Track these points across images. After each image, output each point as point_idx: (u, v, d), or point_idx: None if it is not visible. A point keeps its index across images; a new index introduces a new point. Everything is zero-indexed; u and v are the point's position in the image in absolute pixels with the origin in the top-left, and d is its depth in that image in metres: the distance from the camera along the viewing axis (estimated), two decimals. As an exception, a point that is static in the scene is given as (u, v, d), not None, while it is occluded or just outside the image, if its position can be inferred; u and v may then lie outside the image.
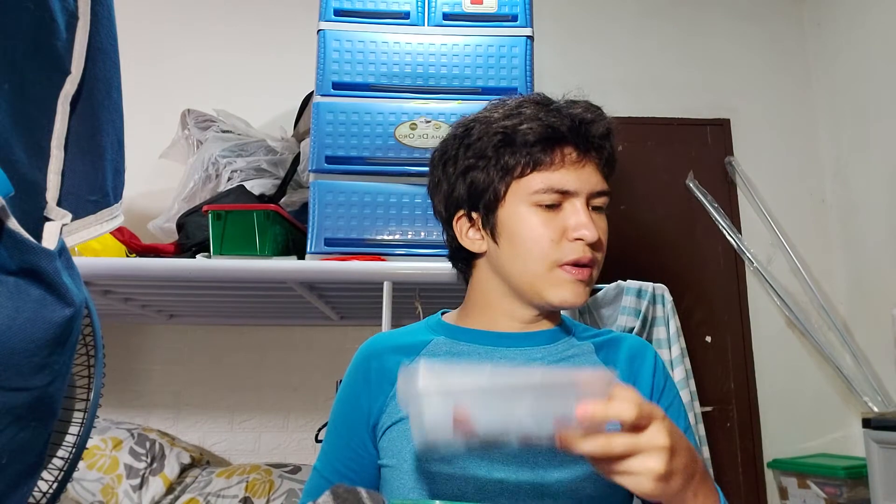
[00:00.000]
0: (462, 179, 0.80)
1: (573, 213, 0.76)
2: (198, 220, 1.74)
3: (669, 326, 1.86)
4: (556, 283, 0.76)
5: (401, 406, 0.61)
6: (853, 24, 2.59)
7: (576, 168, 0.76)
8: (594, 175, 0.77)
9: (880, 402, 2.36)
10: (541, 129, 0.76)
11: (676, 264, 2.55)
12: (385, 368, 0.80)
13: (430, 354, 0.80)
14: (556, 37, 2.68)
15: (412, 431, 0.55)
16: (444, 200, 0.84)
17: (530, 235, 0.76)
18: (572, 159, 0.76)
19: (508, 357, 0.78)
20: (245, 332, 2.37)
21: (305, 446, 2.29)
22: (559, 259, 0.75)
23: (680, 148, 2.69)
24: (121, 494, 1.85)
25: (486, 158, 0.78)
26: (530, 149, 0.76)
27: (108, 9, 0.59)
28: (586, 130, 0.77)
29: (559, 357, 0.80)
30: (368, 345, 0.84)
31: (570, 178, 0.76)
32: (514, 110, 0.79)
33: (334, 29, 1.63)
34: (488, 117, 0.80)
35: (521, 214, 0.77)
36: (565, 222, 0.76)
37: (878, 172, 2.42)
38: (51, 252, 0.48)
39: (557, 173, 0.76)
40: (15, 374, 0.45)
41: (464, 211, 0.82)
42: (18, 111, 0.48)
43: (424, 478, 0.72)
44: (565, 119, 0.77)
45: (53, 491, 0.59)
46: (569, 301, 0.76)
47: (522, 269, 0.77)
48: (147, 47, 2.50)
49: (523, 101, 0.80)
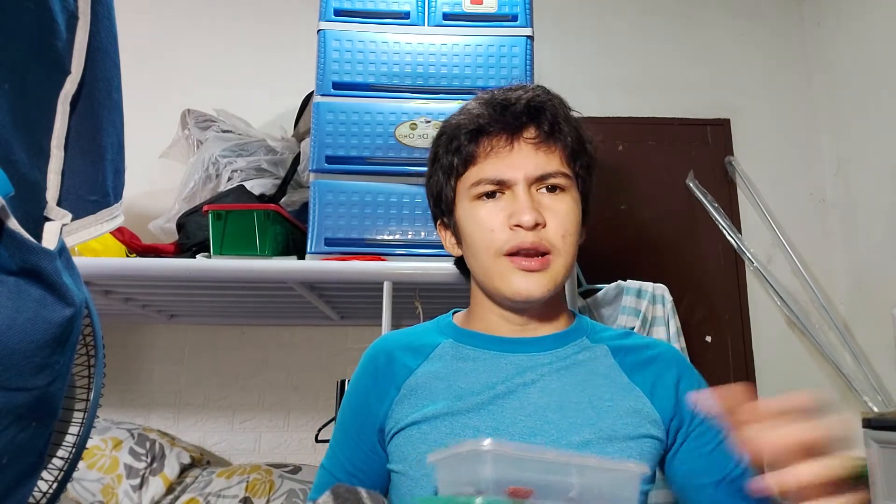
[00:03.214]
0: (429, 189, 0.82)
1: (511, 201, 0.73)
2: (198, 220, 1.74)
3: (669, 326, 1.86)
4: (502, 274, 0.73)
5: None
6: (853, 24, 2.59)
7: (506, 155, 0.74)
8: (531, 157, 0.74)
9: (880, 401, 2.36)
10: (468, 122, 0.75)
11: (676, 264, 2.55)
12: (392, 368, 0.78)
13: (437, 359, 0.78)
14: (557, 37, 2.68)
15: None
16: (431, 210, 0.86)
17: (476, 229, 0.75)
18: (500, 145, 0.74)
19: (515, 363, 0.76)
20: (245, 331, 2.37)
21: (306, 446, 2.29)
22: (501, 248, 0.73)
23: (680, 148, 2.68)
24: (121, 494, 1.85)
25: (437, 163, 0.79)
26: (462, 144, 0.75)
27: (108, 8, 0.59)
28: (507, 113, 0.74)
29: (568, 362, 0.76)
30: (378, 344, 0.83)
31: (501, 166, 0.74)
32: (462, 107, 0.79)
33: (334, 29, 1.63)
34: (444, 124, 0.81)
35: (468, 211, 0.76)
36: (505, 211, 0.73)
37: (879, 172, 2.42)
38: (51, 252, 0.48)
39: (487, 163, 0.74)
40: (15, 375, 0.45)
41: (440, 219, 0.83)
42: (18, 111, 0.48)
43: (431, 484, 0.70)
44: (489, 107, 0.75)
45: (53, 491, 0.59)
46: (522, 292, 0.72)
47: (476, 264, 0.77)
48: (147, 47, 2.50)
49: (476, 98, 0.80)
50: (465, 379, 0.75)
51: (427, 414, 0.72)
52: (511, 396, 0.73)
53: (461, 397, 0.73)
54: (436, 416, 0.72)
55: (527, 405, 0.72)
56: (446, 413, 0.72)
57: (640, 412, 0.73)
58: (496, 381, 0.74)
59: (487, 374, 0.75)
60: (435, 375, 0.76)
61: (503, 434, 0.69)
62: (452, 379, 0.75)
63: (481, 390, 0.73)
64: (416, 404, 0.74)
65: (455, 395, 0.73)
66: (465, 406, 0.72)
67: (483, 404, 0.72)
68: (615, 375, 0.76)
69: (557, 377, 0.75)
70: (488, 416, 0.71)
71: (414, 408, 0.74)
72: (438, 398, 0.73)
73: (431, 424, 0.72)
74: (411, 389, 0.76)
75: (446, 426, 0.71)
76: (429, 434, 0.71)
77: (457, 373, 0.76)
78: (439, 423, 0.72)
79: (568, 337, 0.79)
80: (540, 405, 0.72)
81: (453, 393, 0.74)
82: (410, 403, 0.75)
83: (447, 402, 0.73)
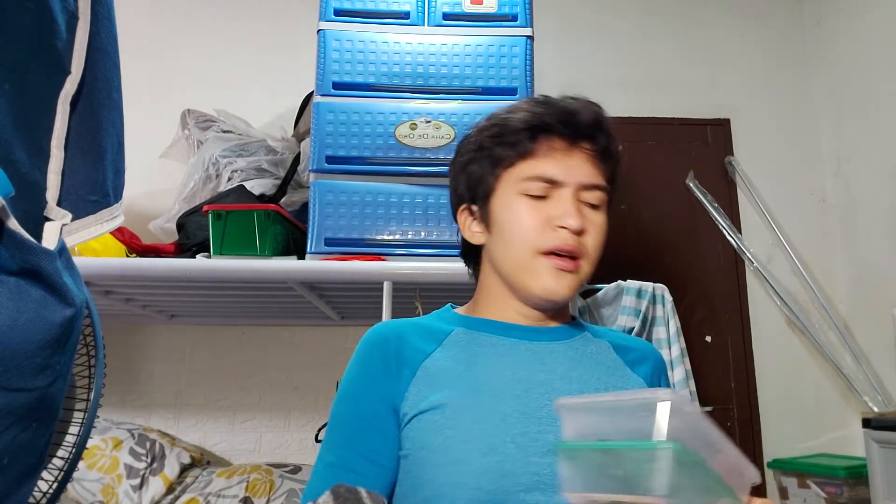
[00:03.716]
0: (463, 173, 0.83)
1: (559, 202, 0.76)
2: (198, 220, 1.74)
3: (669, 326, 1.86)
4: (538, 271, 0.76)
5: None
6: (853, 23, 2.59)
7: (563, 157, 0.77)
8: (584, 166, 0.77)
9: (880, 401, 2.36)
10: (528, 117, 0.77)
11: (676, 264, 2.55)
12: (404, 350, 0.76)
13: (452, 345, 0.78)
14: (557, 37, 2.68)
15: None
16: (451, 195, 0.87)
17: (516, 223, 0.77)
18: (562, 148, 0.77)
19: (532, 350, 0.77)
20: (246, 331, 2.38)
21: (306, 446, 2.29)
22: (540, 246, 0.75)
23: (680, 148, 2.69)
24: (121, 494, 1.85)
25: (481, 150, 0.81)
26: (518, 137, 0.77)
27: (108, 9, 0.59)
28: (574, 120, 0.77)
29: (580, 352, 0.79)
30: (382, 327, 0.81)
31: (557, 168, 0.76)
32: (513, 106, 0.82)
33: (334, 29, 1.63)
34: (492, 113, 0.83)
35: (509, 203, 0.78)
36: (551, 211, 0.76)
37: (879, 171, 2.42)
38: (51, 252, 0.48)
39: (544, 161, 0.77)
40: (16, 375, 0.45)
41: (465, 204, 0.84)
42: (19, 111, 0.48)
43: (457, 470, 0.68)
44: (553, 108, 0.78)
45: (53, 491, 0.59)
46: (551, 290, 0.75)
47: (508, 257, 0.78)
48: (147, 47, 2.50)
49: (527, 99, 0.83)
50: (485, 364, 0.75)
51: (449, 398, 0.72)
52: (534, 382, 0.74)
53: (485, 382, 0.73)
54: (460, 401, 0.71)
55: (550, 391, 0.73)
56: (471, 397, 0.72)
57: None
58: (518, 367, 0.75)
59: (507, 359, 0.76)
60: (454, 359, 0.76)
61: (530, 419, 0.70)
62: (472, 363, 0.75)
63: (504, 375, 0.74)
64: (435, 387, 0.73)
65: (478, 380, 0.74)
66: (491, 390, 0.73)
67: (507, 389, 0.73)
68: (620, 367, 0.80)
69: (573, 365, 0.77)
70: (515, 400, 0.72)
71: (433, 391, 0.73)
72: (460, 383, 0.73)
73: (455, 409, 0.71)
74: (428, 373, 0.75)
75: (472, 411, 0.71)
76: (453, 419, 0.70)
77: (475, 357, 0.76)
78: (464, 408, 0.71)
79: (574, 330, 0.83)
80: (563, 391, 0.74)
81: (476, 378, 0.74)
82: (429, 386, 0.73)
83: (470, 386, 0.73)
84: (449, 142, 1.57)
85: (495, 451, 0.67)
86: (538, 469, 0.67)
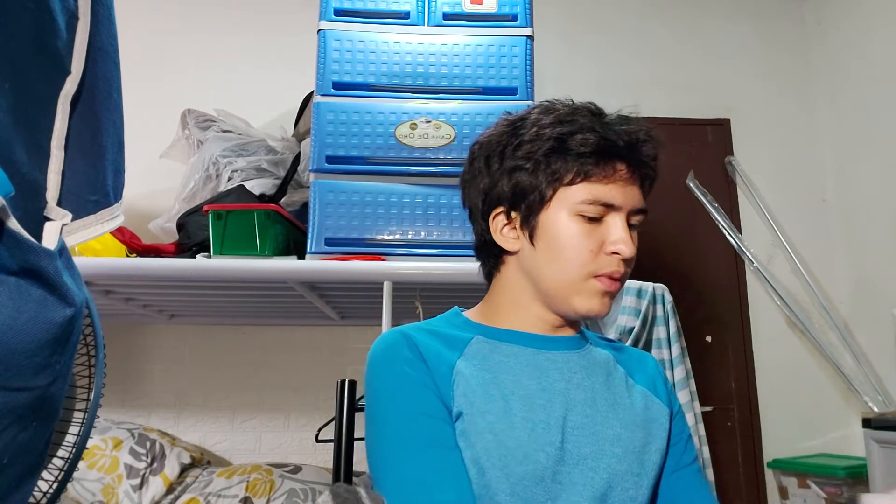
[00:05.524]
0: (507, 178, 0.80)
1: (614, 228, 0.77)
2: (198, 220, 1.74)
3: (669, 326, 1.86)
4: (588, 292, 0.77)
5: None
6: (854, 23, 2.59)
7: (624, 185, 0.78)
8: (637, 192, 0.80)
9: (880, 401, 2.36)
10: (597, 140, 0.77)
11: (676, 264, 2.55)
12: (429, 355, 0.76)
13: (472, 354, 0.78)
14: (557, 37, 2.68)
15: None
16: (481, 194, 0.83)
17: (571, 244, 0.77)
18: (623, 175, 0.78)
19: (551, 359, 0.79)
20: (246, 331, 2.38)
21: (306, 446, 2.29)
22: (595, 270, 0.76)
23: (680, 148, 2.69)
24: (121, 494, 1.85)
25: (535, 161, 0.78)
26: (584, 159, 0.76)
27: (108, 8, 0.59)
28: (640, 150, 0.79)
29: (590, 360, 0.81)
30: (401, 331, 0.80)
31: (618, 194, 0.77)
32: (567, 117, 0.79)
33: (334, 29, 1.63)
34: (539, 120, 0.80)
35: (563, 221, 0.78)
36: (605, 235, 0.77)
37: (879, 172, 2.42)
38: (51, 252, 0.48)
39: (606, 187, 0.77)
40: (16, 375, 0.45)
41: (503, 208, 0.82)
42: (19, 111, 0.48)
43: (494, 476, 0.69)
44: (622, 135, 0.78)
45: (53, 491, 0.59)
46: (594, 311, 0.78)
47: (557, 274, 0.78)
48: (147, 47, 2.50)
49: (577, 109, 0.81)
50: (511, 374, 0.77)
51: (479, 408, 0.73)
52: (556, 391, 0.76)
53: (513, 391, 0.75)
54: (488, 411, 0.73)
55: (571, 401, 0.76)
56: (501, 408, 0.73)
57: (651, 402, 0.82)
58: (542, 377, 0.77)
59: (531, 369, 0.77)
60: (479, 367, 0.77)
61: (553, 427, 0.72)
62: (498, 372, 0.76)
63: (531, 386, 0.76)
64: (467, 394, 0.74)
65: (507, 389, 0.75)
66: (520, 399, 0.74)
67: (534, 399, 0.74)
68: (622, 376, 0.83)
69: (586, 374, 0.79)
70: (541, 411, 0.74)
71: (466, 397, 0.74)
72: (487, 393, 0.74)
73: (486, 420, 0.72)
74: (462, 378, 0.75)
75: (503, 422, 0.72)
76: (492, 425, 0.72)
77: (500, 367, 0.77)
78: (494, 419, 0.72)
79: (581, 340, 0.85)
80: (579, 400, 0.76)
81: (503, 388, 0.75)
82: (462, 392, 0.74)
83: (501, 394, 0.74)
84: (449, 142, 1.57)
85: (530, 460, 0.70)
86: (564, 478, 0.70)
